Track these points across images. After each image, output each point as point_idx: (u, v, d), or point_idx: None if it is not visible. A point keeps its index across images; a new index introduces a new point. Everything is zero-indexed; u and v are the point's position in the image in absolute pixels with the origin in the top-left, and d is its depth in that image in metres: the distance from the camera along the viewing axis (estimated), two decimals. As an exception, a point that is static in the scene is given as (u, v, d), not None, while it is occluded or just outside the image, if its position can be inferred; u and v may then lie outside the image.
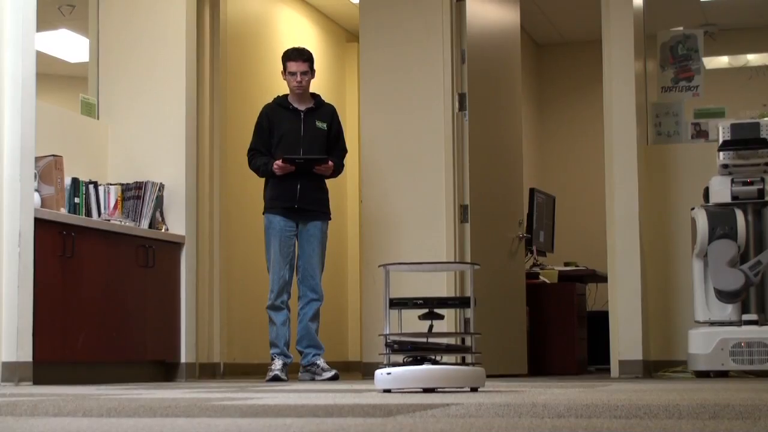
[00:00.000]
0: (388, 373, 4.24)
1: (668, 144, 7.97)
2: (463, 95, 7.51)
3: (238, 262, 8.20)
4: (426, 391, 4.24)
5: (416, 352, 4.34)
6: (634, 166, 7.48)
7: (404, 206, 7.52)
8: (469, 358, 4.65)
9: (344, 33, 10.60)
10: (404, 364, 4.32)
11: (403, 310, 4.66)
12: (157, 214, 6.95)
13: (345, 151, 7.08)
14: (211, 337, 7.66)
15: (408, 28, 7.66)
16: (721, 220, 6.87)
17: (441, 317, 4.46)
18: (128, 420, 2.66)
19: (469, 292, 7.66)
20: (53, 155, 6.26)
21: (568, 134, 11.57)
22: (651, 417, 2.57)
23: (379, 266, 4.54)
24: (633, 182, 7.47)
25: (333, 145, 6.96)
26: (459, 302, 4.69)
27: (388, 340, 4.37)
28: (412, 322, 4.67)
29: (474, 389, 4.31)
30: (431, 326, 4.36)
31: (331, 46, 10.33)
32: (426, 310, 4.45)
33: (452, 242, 7.37)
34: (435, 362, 4.35)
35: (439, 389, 4.28)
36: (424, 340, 4.37)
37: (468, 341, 4.79)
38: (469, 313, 7.55)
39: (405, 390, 4.26)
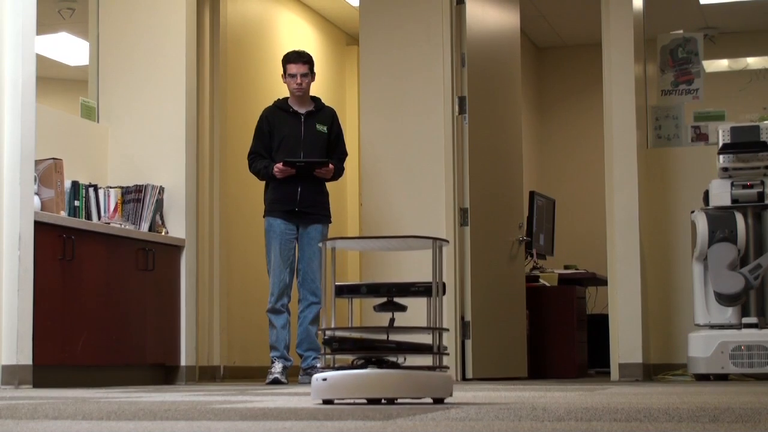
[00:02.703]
0: (324, 379, 3.39)
1: (668, 147, 7.97)
2: (463, 98, 7.52)
3: (238, 266, 8.20)
4: (371, 402, 3.39)
5: (362, 351, 3.46)
6: (634, 169, 7.49)
7: (404, 209, 7.52)
8: (445, 360, 3.65)
9: (344, 36, 10.60)
10: (354, 367, 3.45)
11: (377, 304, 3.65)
12: (157, 217, 6.95)
13: (345, 154, 7.08)
14: (211, 340, 7.65)
15: (408, 31, 7.66)
16: (721, 224, 6.88)
17: (403, 308, 3.56)
18: (128, 423, 2.66)
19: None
20: (53, 158, 6.26)
21: (568, 137, 11.57)
22: (651, 420, 2.57)
23: (321, 243, 3.72)
24: (633, 185, 7.48)
25: (333, 148, 6.96)
26: (426, 289, 3.56)
27: (327, 336, 3.49)
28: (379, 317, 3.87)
29: (437, 400, 3.43)
30: (392, 320, 3.52)
31: (331, 49, 10.34)
32: (384, 300, 3.55)
33: (452, 245, 7.37)
34: (392, 365, 3.43)
35: (389, 400, 3.41)
36: (378, 336, 3.53)
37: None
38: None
39: (347, 401, 3.43)
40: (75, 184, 6.54)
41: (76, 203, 6.53)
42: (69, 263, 6.07)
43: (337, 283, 3.57)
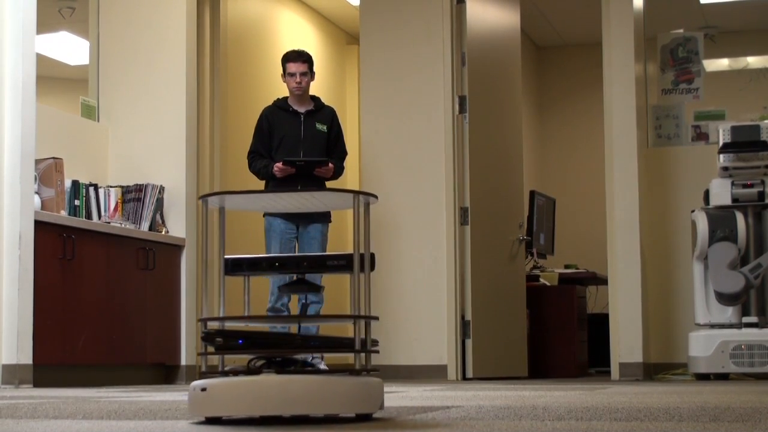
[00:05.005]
0: (203, 389, 2.58)
1: (668, 146, 7.97)
2: (463, 98, 7.52)
3: (238, 265, 8.19)
4: (264, 421, 2.54)
5: (255, 349, 2.61)
6: (634, 168, 7.48)
7: (404, 208, 7.52)
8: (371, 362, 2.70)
9: (344, 35, 10.60)
10: (251, 371, 2.60)
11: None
12: (158, 217, 6.95)
13: (345, 153, 7.08)
14: (212, 340, 7.64)
15: (408, 31, 7.66)
16: (721, 223, 6.87)
17: (317, 289, 2.82)
18: (128, 423, 2.65)
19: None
20: (53, 158, 6.26)
21: (569, 136, 11.57)
22: (651, 420, 2.57)
23: (200, 198, 2.79)
24: (633, 185, 7.47)
25: (333, 148, 6.97)
26: (347, 264, 2.66)
27: (208, 328, 2.77)
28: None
29: (362, 417, 2.54)
30: (305, 305, 2.49)
31: (332, 49, 10.34)
32: (292, 278, 2.77)
33: (452, 245, 7.37)
34: (302, 369, 2.58)
35: (295, 417, 2.56)
36: (283, 328, 2.65)
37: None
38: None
39: (237, 418, 2.60)
40: (75, 184, 6.53)
41: (77, 202, 6.53)
42: (69, 262, 6.06)
43: (227, 256, 2.75)
